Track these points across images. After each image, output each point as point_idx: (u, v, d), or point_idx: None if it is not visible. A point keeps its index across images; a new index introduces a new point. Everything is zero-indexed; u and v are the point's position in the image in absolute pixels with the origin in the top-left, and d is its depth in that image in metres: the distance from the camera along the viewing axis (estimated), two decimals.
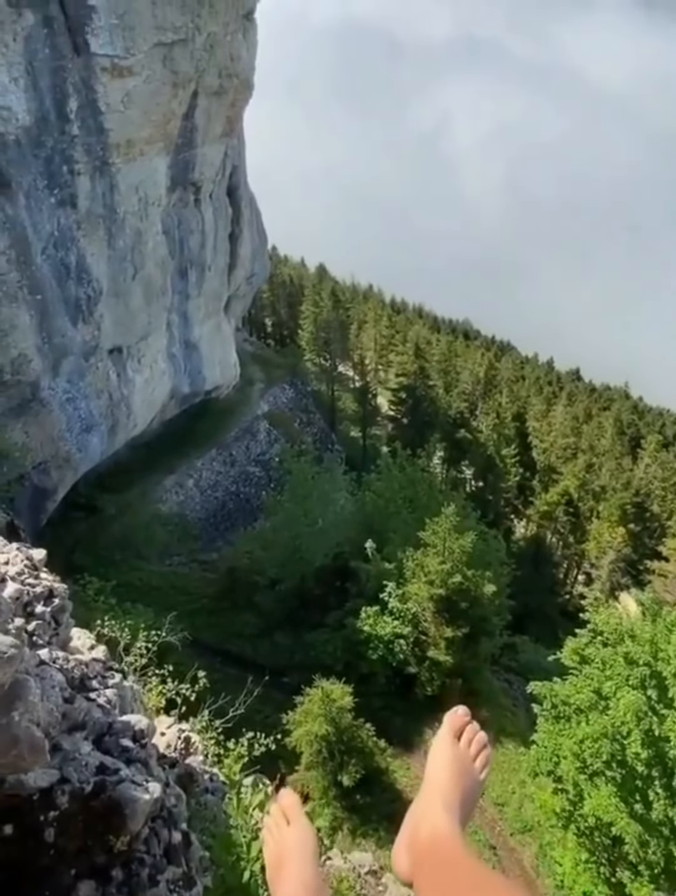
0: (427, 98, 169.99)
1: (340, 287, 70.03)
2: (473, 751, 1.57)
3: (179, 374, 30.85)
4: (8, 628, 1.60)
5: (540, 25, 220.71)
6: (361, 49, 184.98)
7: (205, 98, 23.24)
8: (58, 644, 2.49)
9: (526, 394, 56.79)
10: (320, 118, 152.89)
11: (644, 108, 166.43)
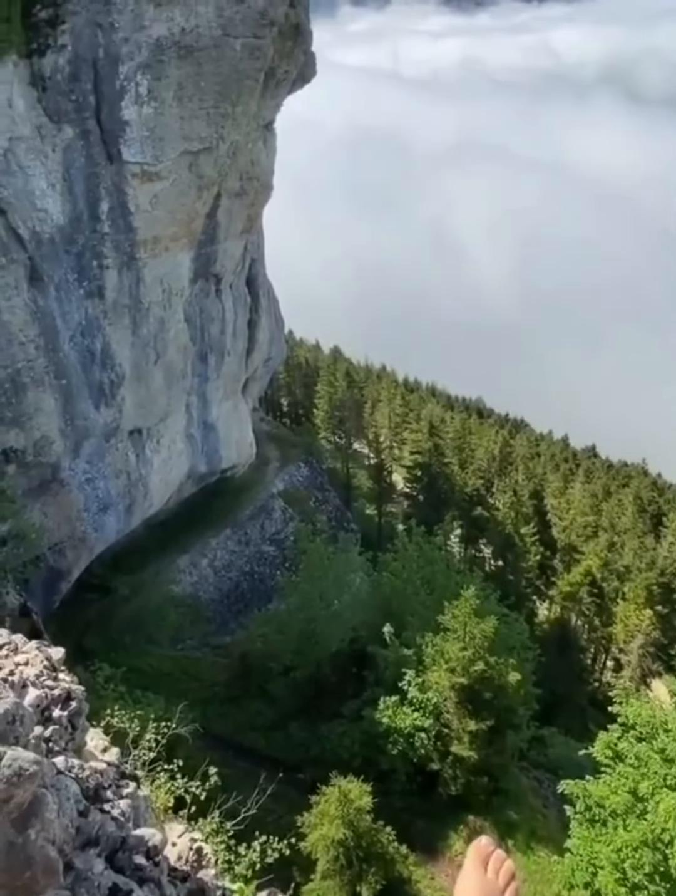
0: (435, 191, 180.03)
1: (354, 367, 71.83)
2: (502, 882, 1.51)
3: (197, 454, 31.31)
4: (29, 740, 1.57)
5: (541, 127, 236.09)
6: (370, 151, 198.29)
7: (227, 199, 24.89)
8: (73, 749, 2.43)
9: (543, 471, 56.53)
10: (334, 212, 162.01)
11: (644, 200, 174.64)
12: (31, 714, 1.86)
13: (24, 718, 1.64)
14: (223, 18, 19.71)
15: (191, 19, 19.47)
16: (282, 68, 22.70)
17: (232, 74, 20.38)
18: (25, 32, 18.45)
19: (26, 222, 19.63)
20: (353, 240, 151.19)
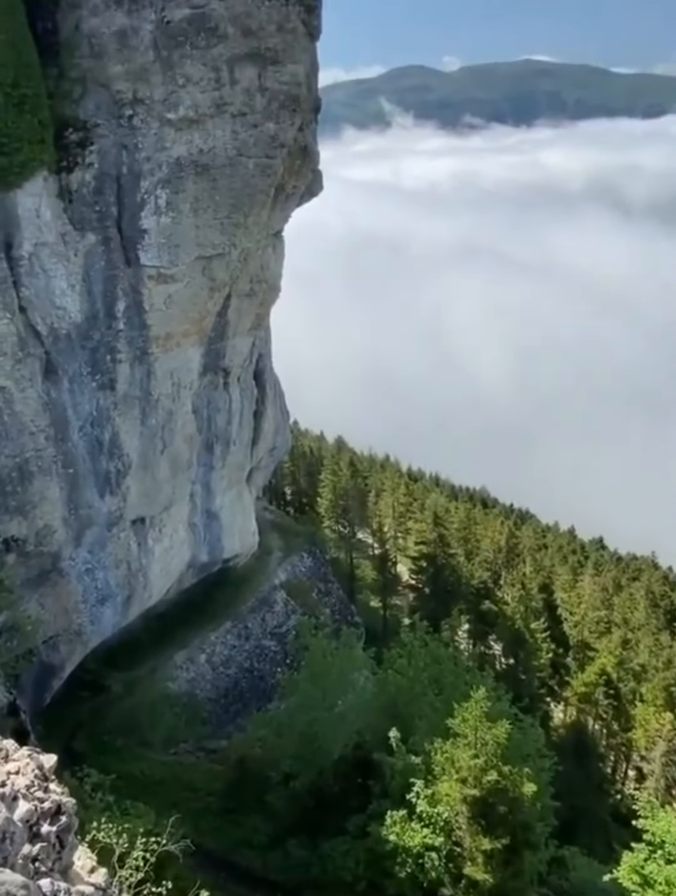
0: (433, 289, 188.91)
1: (358, 457, 72.43)
2: None
3: (199, 544, 30.98)
4: (17, 860, 1.46)
5: (531, 234, 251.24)
6: (372, 254, 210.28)
7: (237, 299, 26.16)
8: (60, 869, 2.24)
9: (551, 563, 55.49)
10: (338, 309, 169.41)
11: (633, 299, 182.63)
12: (22, 831, 1.73)
13: (15, 836, 1.54)
14: (238, 141, 21.53)
15: (208, 141, 21.27)
16: (290, 184, 24.57)
17: (245, 189, 22.03)
18: (57, 152, 20.19)
19: (45, 319, 20.58)
20: (356, 335, 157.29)
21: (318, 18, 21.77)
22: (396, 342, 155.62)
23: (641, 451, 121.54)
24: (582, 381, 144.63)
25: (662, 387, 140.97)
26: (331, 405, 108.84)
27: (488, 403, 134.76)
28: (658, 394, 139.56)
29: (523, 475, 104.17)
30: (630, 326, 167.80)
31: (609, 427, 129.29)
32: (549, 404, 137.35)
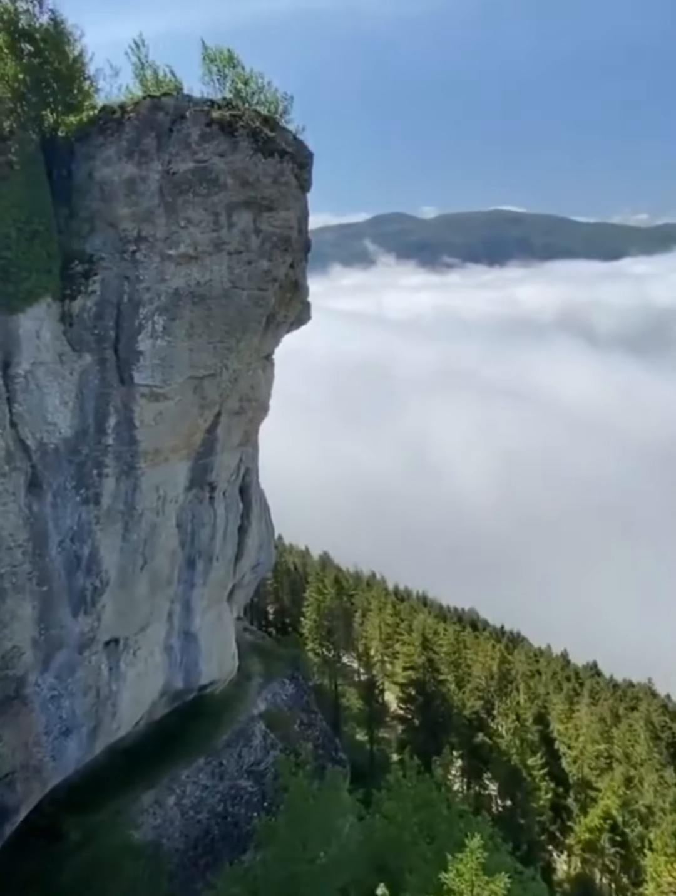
0: (415, 410, 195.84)
1: (343, 575, 70.99)
2: None
3: (174, 667, 29.28)
4: None
5: (508, 361, 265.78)
6: (357, 377, 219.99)
7: (226, 416, 26.79)
8: None
9: (545, 690, 52.91)
10: (327, 429, 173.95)
11: (606, 423, 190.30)
12: None
13: None
14: (233, 275, 23.11)
15: (206, 275, 22.79)
16: (281, 313, 26.13)
17: (238, 317, 23.34)
18: (62, 281, 21.49)
19: (35, 434, 20.80)
20: (342, 452, 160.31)
21: (309, 174, 24.27)
22: (380, 460, 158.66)
23: (625, 569, 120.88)
24: (563, 499, 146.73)
25: (637, 504, 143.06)
26: (317, 521, 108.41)
27: (472, 521, 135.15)
28: (633, 511, 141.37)
29: (511, 595, 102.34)
30: (603, 446, 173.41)
31: (593, 547, 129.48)
32: (532, 523, 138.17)
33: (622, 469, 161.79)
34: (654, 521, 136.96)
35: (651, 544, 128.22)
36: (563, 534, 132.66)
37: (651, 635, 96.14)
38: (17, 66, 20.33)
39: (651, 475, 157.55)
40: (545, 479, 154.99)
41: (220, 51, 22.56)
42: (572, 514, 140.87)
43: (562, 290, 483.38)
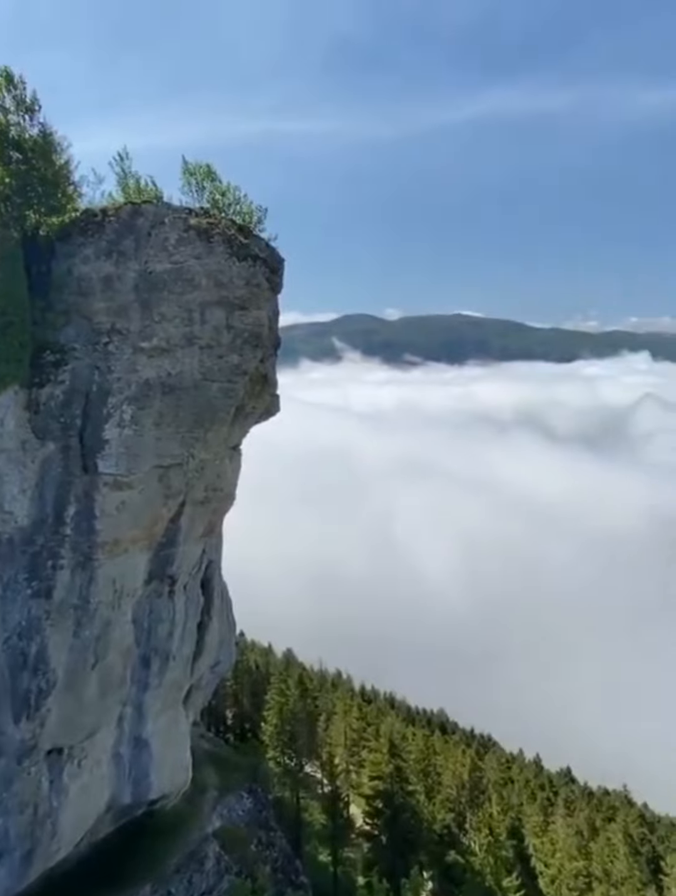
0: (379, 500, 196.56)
1: (308, 674, 67.88)
2: None
3: (122, 779, 26.90)
4: None
5: (470, 454, 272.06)
6: (322, 467, 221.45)
7: (191, 506, 26.41)
8: None
9: (518, 801, 50.15)
10: (289, 517, 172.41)
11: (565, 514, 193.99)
12: None
13: None
14: (204, 368, 23.65)
15: (177, 367, 23.26)
16: (250, 405, 26.60)
17: (207, 408, 23.66)
18: (31, 369, 21.64)
19: None
20: (307, 543, 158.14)
21: (281, 277, 25.61)
22: (346, 551, 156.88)
23: (594, 666, 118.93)
24: (528, 591, 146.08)
25: (600, 598, 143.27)
26: (281, 615, 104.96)
27: (439, 615, 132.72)
28: (597, 604, 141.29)
29: (481, 693, 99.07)
30: (563, 538, 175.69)
31: (562, 641, 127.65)
32: (500, 616, 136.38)
33: (582, 561, 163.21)
34: (619, 616, 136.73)
35: (618, 639, 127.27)
36: (531, 628, 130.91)
37: (625, 736, 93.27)
38: (4, 171, 21.47)
39: (611, 567, 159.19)
40: (510, 571, 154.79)
41: (200, 165, 24.29)
42: (538, 606, 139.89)
43: (520, 388, 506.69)
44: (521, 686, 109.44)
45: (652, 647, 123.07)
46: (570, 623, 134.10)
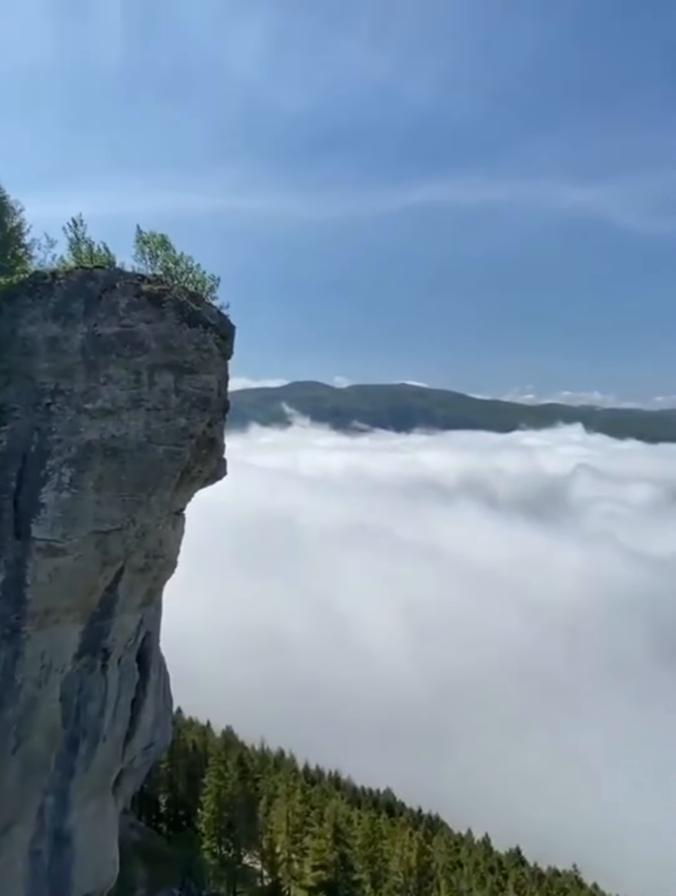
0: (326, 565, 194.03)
1: (249, 754, 64.25)
2: None
3: (39, 879, 24.29)
4: None
5: (416, 519, 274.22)
6: (269, 531, 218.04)
7: (130, 573, 25.35)
8: None
9: (468, 886, 47.83)
10: (233, 585, 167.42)
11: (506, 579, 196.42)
12: None
13: None
14: (150, 430, 23.31)
15: (121, 429, 22.84)
16: (196, 469, 26.18)
17: (151, 471, 23.16)
18: None
19: None
20: (252, 611, 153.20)
21: (231, 343, 25.94)
22: (290, 620, 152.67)
23: (543, 738, 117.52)
24: (474, 659, 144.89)
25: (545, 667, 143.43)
26: (222, 689, 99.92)
27: (385, 687, 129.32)
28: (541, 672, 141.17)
29: (428, 769, 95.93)
30: (506, 604, 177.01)
31: (510, 713, 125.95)
32: (446, 685, 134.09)
33: (525, 628, 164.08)
34: (561, 684, 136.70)
35: (563, 709, 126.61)
36: (477, 699, 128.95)
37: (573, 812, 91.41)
38: None
39: (552, 634, 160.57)
40: (454, 639, 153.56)
41: (154, 235, 24.83)
42: (484, 676, 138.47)
43: (463, 456, 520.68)
44: (468, 761, 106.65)
45: (595, 717, 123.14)
46: (515, 693, 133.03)
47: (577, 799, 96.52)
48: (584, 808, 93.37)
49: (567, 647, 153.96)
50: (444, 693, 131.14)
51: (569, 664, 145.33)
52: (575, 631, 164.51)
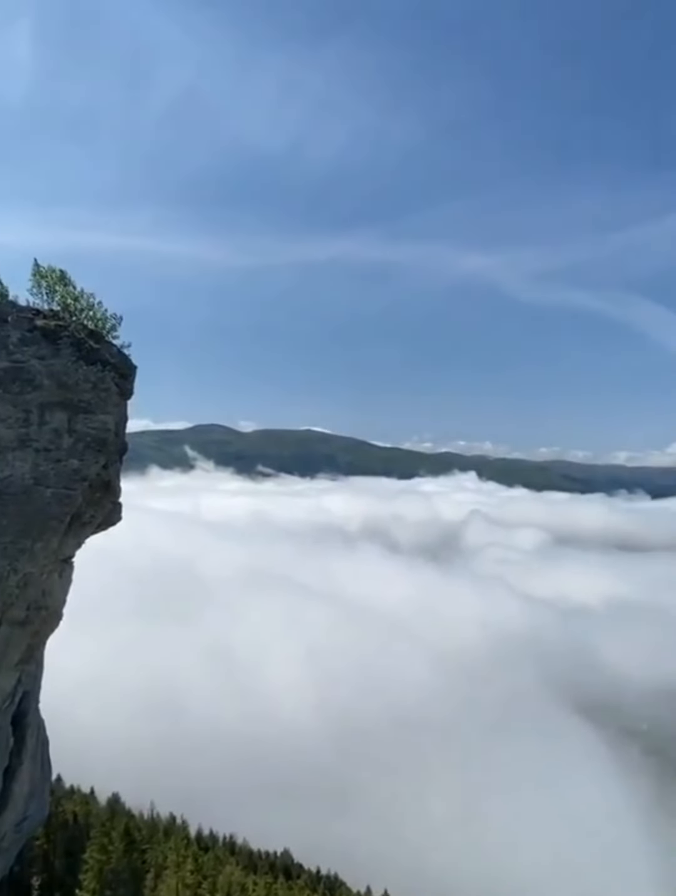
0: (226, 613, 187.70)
1: (136, 823, 59.49)
2: None
3: None
4: None
5: (318, 566, 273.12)
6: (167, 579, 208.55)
7: (7, 627, 23.30)
8: None
9: None
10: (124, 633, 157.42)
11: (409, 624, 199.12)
12: None
13: None
14: (38, 472, 21.97)
15: (6, 470, 21.38)
16: (88, 513, 24.82)
17: (37, 516, 21.71)
18: None
19: None
20: (145, 665, 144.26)
21: (131, 383, 25.20)
22: (185, 671, 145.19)
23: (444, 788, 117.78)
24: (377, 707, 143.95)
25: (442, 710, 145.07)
26: (108, 752, 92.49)
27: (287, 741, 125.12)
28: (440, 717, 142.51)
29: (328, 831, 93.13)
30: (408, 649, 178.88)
31: (412, 762, 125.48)
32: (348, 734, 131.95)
33: (424, 671, 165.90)
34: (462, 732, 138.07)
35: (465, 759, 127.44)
36: (379, 749, 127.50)
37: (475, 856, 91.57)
38: None
39: (451, 676, 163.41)
40: (358, 688, 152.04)
41: (52, 269, 23.97)
42: (387, 725, 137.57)
43: (366, 502, 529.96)
44: (370, 814, 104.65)
45: (494, 760, 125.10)
46: (418, 742, 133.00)
47: (480, 843, 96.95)
48: (487, 851, 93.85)
49: (464, 691, 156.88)
50: (346, 743, 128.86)
51: (468, 708, 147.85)
52: (472, 674, 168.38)
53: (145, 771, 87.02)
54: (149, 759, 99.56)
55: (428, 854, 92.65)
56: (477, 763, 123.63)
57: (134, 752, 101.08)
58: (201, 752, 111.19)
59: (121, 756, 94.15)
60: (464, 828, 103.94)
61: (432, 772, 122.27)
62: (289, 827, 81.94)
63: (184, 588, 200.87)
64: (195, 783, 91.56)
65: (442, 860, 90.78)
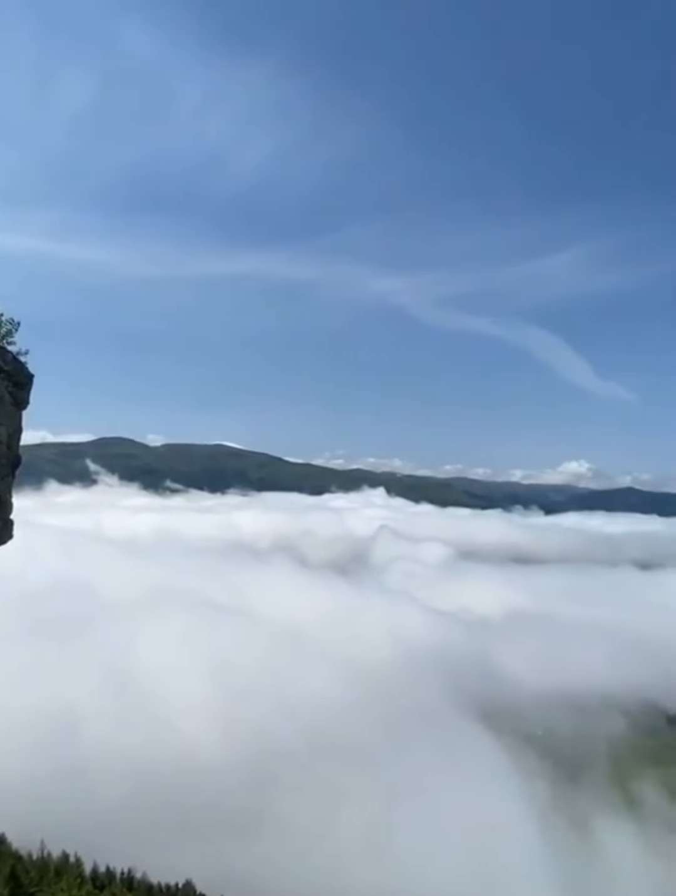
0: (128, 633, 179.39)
1: (24, 865, 55.16)
2: None
3: None
4: None
5: (227, 582, 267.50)
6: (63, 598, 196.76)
7: None
8: None
9: None
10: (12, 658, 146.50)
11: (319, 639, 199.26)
12: None
13: None
14: None
15: None
16: None
17: None
18: None
19: None
20: (39, 692, 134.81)
21: (27, 393, 24.04)
22: (82, 696, 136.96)
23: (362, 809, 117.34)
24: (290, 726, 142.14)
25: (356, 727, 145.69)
26: None
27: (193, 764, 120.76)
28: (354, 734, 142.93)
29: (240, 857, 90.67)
30: (319, 664, 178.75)
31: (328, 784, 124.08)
32: (260, 757, 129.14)
33: (335, 687, 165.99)
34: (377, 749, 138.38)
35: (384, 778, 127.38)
36: (292, 766, 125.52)
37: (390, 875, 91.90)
38: None
39: (363, 693, 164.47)
40: (267, 701, 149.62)
41: None
42: (299, 741, 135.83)
43: (276, 517, 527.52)
44: (282, 839, 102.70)
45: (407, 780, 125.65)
46: (330, 759, 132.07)
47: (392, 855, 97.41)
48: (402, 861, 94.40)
49: (374, 704, 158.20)
50: (256, 763, 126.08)
51: (379, 721, 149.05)
52: (383, 687, 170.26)
53: (36, 805, 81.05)
54: (42, 792, 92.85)
55: (341, 870, 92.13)
56: (389, 776, 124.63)
57: (23, 785, 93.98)
58: (100, 781, 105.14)
59: (10, 792, 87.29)
60: (376, 841, 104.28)
61: (344, 788, 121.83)
62: (193, 856, 78.89)
63: (82, 608, 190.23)
64: (93, 816, 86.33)
65: (355, 875, 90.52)
